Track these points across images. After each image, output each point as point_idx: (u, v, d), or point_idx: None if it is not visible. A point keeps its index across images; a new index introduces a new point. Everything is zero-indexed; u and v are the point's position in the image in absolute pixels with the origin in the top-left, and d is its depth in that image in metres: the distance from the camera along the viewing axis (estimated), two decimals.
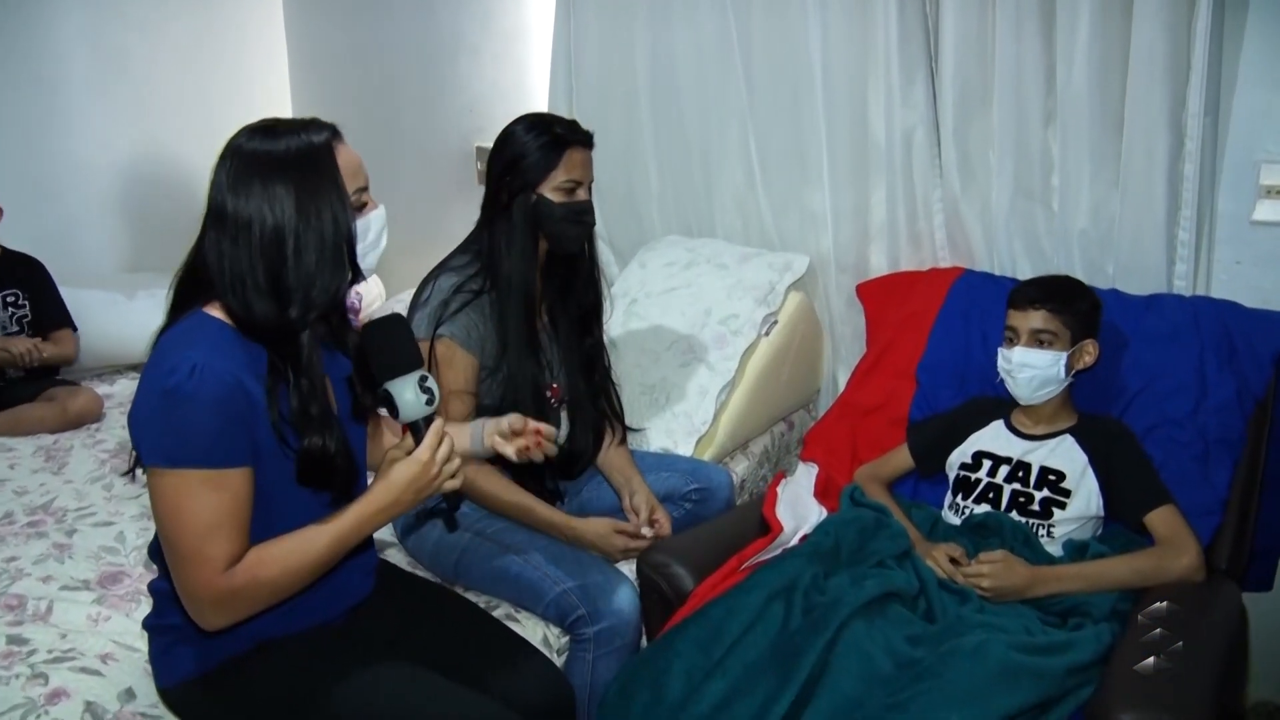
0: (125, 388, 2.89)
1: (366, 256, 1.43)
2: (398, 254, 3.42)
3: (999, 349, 2.03)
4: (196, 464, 1.28)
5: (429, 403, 1.42)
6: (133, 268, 3.49)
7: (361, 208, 1.42)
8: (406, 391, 1.40)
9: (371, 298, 3.47)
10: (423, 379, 1.42)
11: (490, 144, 2.04)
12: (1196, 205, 2.15)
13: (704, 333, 2.51)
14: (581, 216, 1.99)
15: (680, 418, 2.38)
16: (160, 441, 1.29)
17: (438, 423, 1.42)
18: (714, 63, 2.73)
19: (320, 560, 1.37)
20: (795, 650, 1.63)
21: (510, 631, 1.72)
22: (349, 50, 3.58)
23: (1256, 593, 2.11)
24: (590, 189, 2.02)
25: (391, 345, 1.43)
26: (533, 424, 1.71)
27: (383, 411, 1.46)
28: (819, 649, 1.61)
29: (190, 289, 1.39)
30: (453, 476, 1.43)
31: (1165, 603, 1.72)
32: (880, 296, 2.53)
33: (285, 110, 3.77)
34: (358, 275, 1.41)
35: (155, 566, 1.50)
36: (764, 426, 2.59)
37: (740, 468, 2.45)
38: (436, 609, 1.67)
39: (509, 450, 1.68)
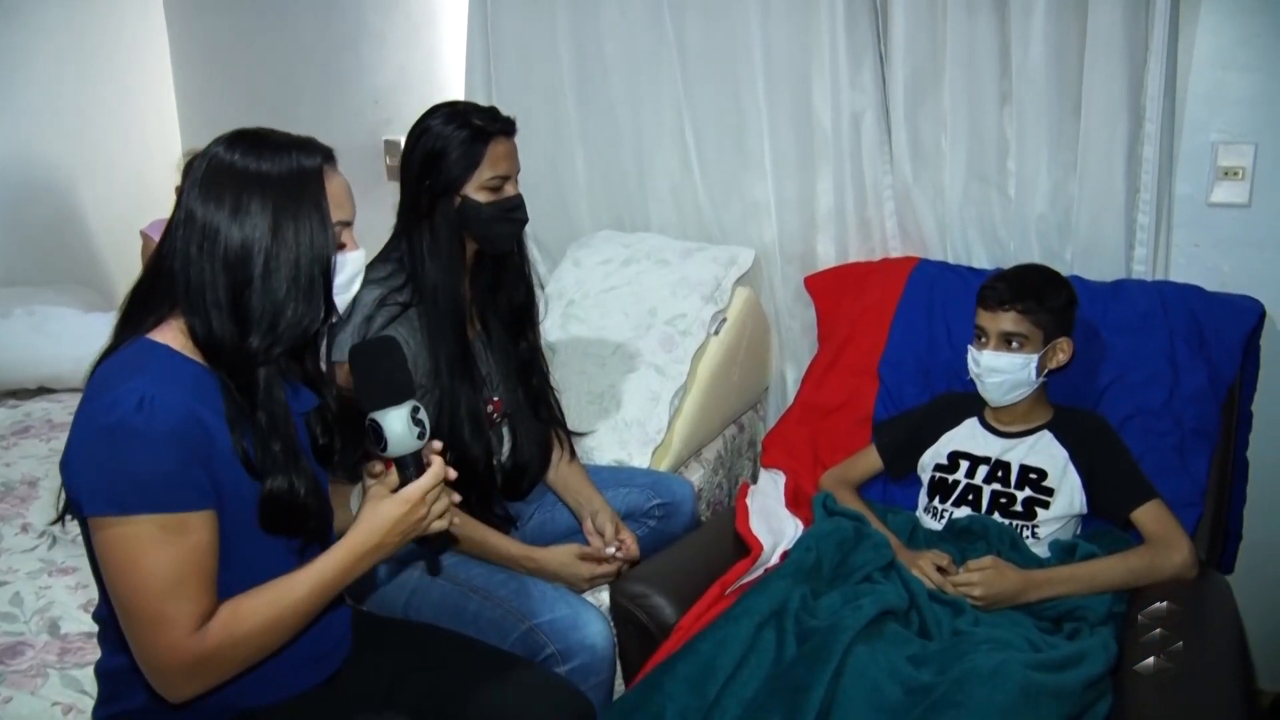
0: (3, 418, 2.57)
1: (336, 298, 1.27)
2: None
3: (969, 347, 1.94)
4: (151, 509, 1.10)
5: (420, 436, 1.29)
6: (1, 282, 3.13)
7: (341, 246, 1.27)
8: (396, 423, 1.27)
9: None
10: (415, 410, 1.30)
11: (400, 137, 1.85)
12: (1156, 188, 2.10)
13: (650, 334, 2.36)
14: (512, 214, 1.83)
15: (633, 427, 2.22)
16: (105, 486, 1.10)
17: (437, 464, 1.30)
18: (645, 45, 2.56)
19: (301, 611, 1.21)
20: (798, 684, 1.50)
21: (511, 656, 1.57)
22: (238, 36, 3.27)
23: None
24: (517, 180, 1.85)
25: (381, 372, 1.30)
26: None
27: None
28: (825, 681, 1.49)
29: (144, 303, 1.23)
30: (441, 516, 1.31)
31: (1165, 603, 1.65)
32: (831, 289, 2.42)
33: (169, 100, 3.43)
34: (331, 313, 1.26)
35: (102, 646, 1.30)
36: (717, 431, 2.45)
37: (696, 477, 2.31)
38: (426, 650, 1.50)
39: None
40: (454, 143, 1.77)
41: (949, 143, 2.28)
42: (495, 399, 1.91)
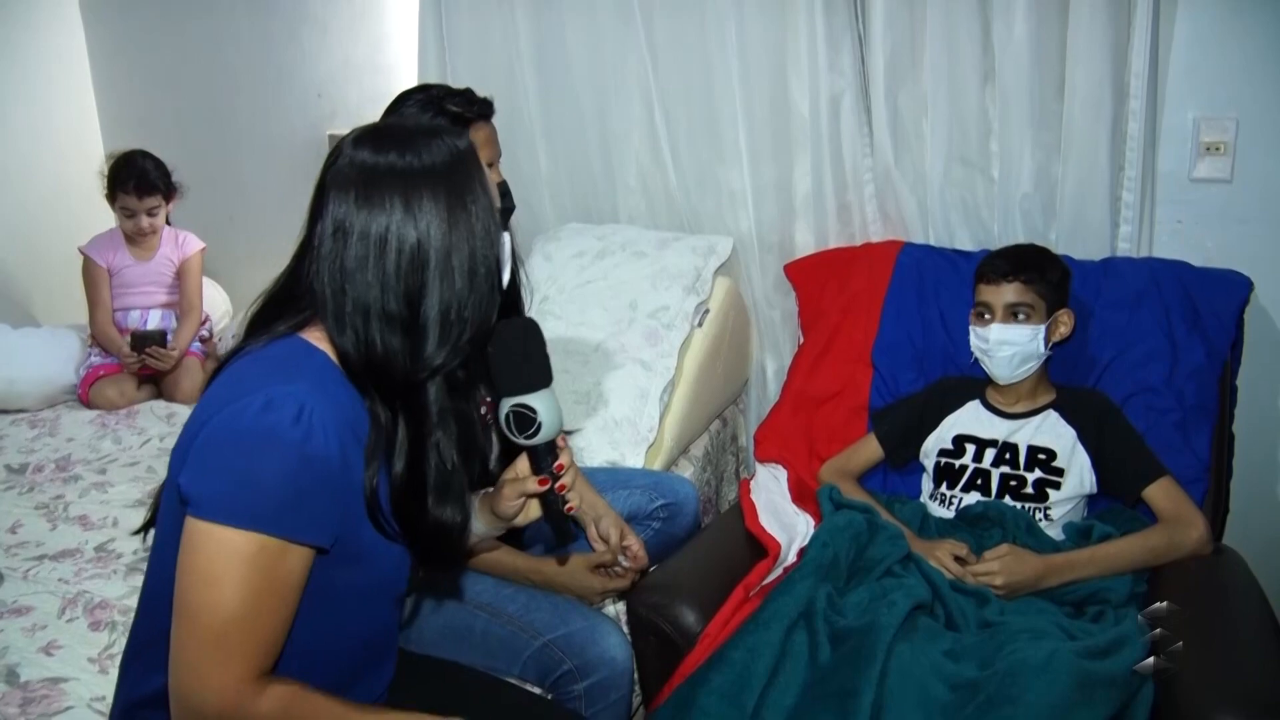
0: None
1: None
2: (243, 261, 3.02)
3: (971, 326, 1.92)
4: (266, 528, 1.00)
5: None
6: None
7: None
8: (550, 406, 1.23)
9: (219, 314, 3.00)
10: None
11: (344, 131, 1.73)
12: (1141, 165, 2.09)
13: (632, 329, 2.27)
14: (499, 201, 1.72)
15: (624, 426, 2.13)
16: (232, 492, 1.00)
17: None
18: (610, 28, 2.47)
19: None
20: (844, 689, 1.44)
21: (533, 696, 1.47)
22: (164, 27, 3.06)
23: None
24: (499, 165, 1.75)
25: (535, 353, 1.25)
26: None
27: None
28: (873, 684, 1.43)
29: (273, 315, 1.14)
30: None
31: (1165, 603, 1.61)
32: (813, 276, 2.36)
33: (88, 99, 3.20)
34: (502, 299, 1.18)
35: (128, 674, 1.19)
36: (704, 426, 2.38)
37: (686, 474, 2.23)
38: (450, 691, 1.39)
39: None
40: None
41: (930, 124, 2.24)
42: (487, 399, 1.80)
